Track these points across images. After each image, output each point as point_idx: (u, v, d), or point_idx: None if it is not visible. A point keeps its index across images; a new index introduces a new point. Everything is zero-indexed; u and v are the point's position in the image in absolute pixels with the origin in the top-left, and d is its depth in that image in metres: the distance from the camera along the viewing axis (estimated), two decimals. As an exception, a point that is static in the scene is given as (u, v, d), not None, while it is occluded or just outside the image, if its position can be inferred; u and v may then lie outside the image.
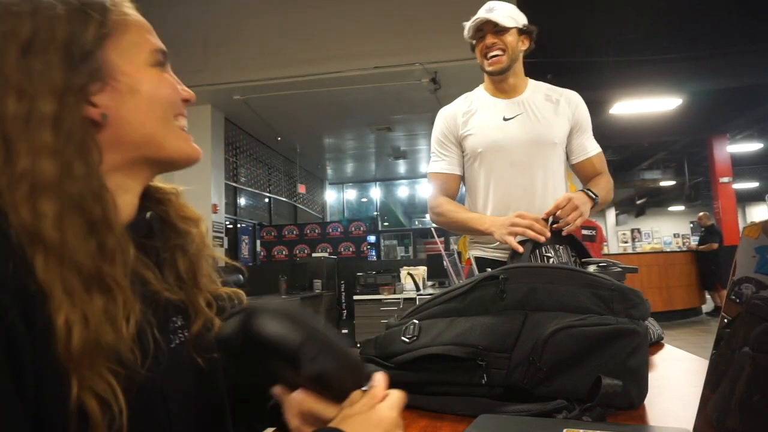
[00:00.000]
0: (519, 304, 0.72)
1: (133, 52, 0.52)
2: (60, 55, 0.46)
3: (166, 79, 0.55)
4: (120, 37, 0.51)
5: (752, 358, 0.43)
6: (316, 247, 7.35)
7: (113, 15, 0.51)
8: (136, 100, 0.51)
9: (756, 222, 0.46)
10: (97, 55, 0.49)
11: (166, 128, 0.53)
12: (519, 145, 1.56)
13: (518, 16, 1.58)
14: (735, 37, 5.90)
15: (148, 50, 0.53)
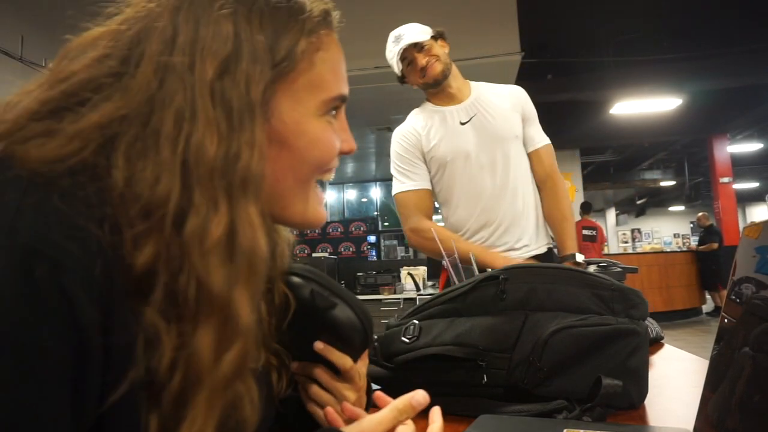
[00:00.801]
0: (519, 304, 0.72)
1: (306, 98, 0.42)
2: (257, 90, 0.38)
3: (329, 133, 0.44)
4: (299, 76, 0.41)
5: (752, 358, 0.43)
6: (316, 247, 7.35)
7: (304, 43, 0.41)
8: (284, 155, 0.41)
9: (756, 222, 0.46)
10: (273, 89, 0.40)
11: (301, 190, 0.43)
12: (482, 145, 1.57)
13: (424, 28, 1.58)
14: (735, 37, 5.91)
15: (325, 97, 0.43)
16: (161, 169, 0.33)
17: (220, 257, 0.34)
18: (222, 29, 0.37)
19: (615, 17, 5.83)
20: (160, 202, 0.33)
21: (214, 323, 0.33)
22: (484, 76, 1.89)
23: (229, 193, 0.35)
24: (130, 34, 0.37)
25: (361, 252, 7.41)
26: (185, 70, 0.35)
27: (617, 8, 5.65)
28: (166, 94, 0.35)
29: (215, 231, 0.33)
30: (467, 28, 4.70)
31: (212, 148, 0.34)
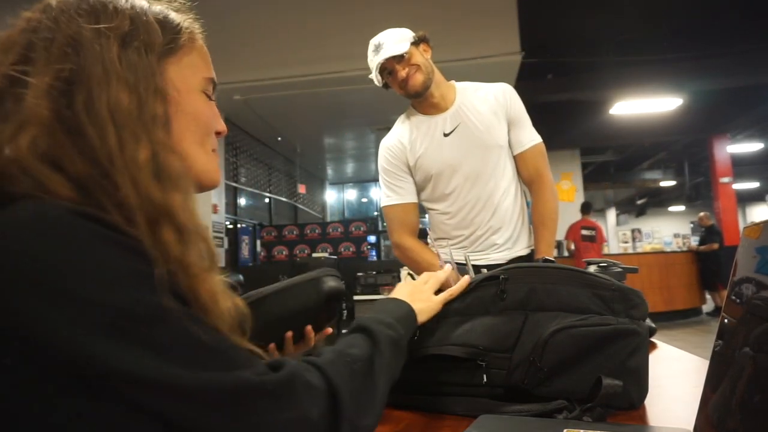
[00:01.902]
0: (519, 305, 0.72)
1: (188, 74, 0.54)
2: (152, 56, 0.50)
3: (209, 107, 0.57)
4: (182, 57, 0.54)
5: (753, 359, 0.43)
6: (317, 247, 7.35)
7: (183, 36, 0.54)
8: (180, 118, 0.53)
9: (756, 222, 0.46)
10: (162, 64, 0.51)
11: (199, 149, 0.55)
12: (466, 157, 1.55)
13: (404, 33, 1.53)
14: (735, 37, 5.91)
15: (202, 77, 0.56)
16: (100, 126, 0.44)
17: (151, 174, 0.45)
18: (119, 11, 0.49)
19: (615, 17, 5.83)
20: (108, 151, 0.43)
21: (168, 225, 0.44)
22: (484, 76, 1.89)
23: (145, 129, 0.46)
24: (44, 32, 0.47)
25: (361, 252, 7.41)
26: (97, 40, 0.46)
27: (617, 8, 5.65)
28: (86, 63, 0.45)
29: (141, 158, 0.45)
30: (467, 28, 4.70)
31: (125, 100, 0.45)
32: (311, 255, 6.94)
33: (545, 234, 1.57)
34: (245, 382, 0.40)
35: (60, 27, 0.46)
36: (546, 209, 1.59)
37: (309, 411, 0.43)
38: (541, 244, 1.56)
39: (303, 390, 0.43)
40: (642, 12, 5.79)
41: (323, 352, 0.51)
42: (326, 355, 0.50)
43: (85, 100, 0.44)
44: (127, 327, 0.36)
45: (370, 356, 0.53)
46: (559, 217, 1.64)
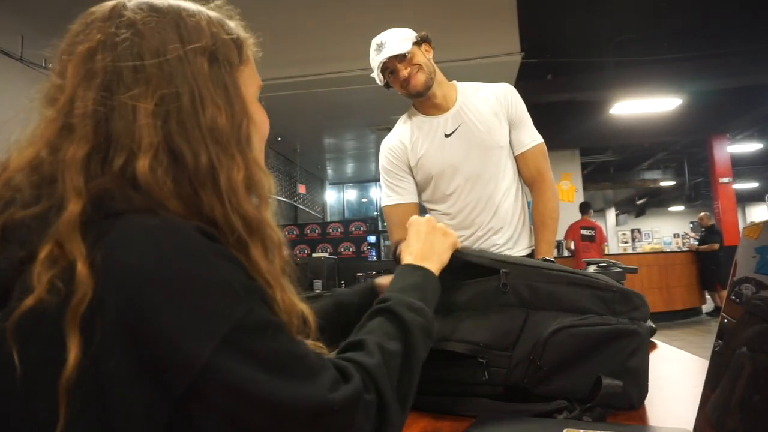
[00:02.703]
0: (521, 303, 0.72)
1: (250, 84, 0.54)
2: (235, 72, 0.50)
3: (264, 114, 0.58)
4: (245, 69, 0.54)
5: (752, 359, 0.43)
6: (317, 247, 7.35)
7: (246, 46, 0.54)
8: (255, 130, 0.53)
9: (756, 222, 0.46)
10: (237, 76, 0.52)
11: (262, 155, 0.57)
12: (467, 157, 1.55)
13: (406, 33, 1.52)
14: (735, 37, 5.91)
15: (257, 85, 0.57)
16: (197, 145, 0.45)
17: (245, 193, 0.46)
18: (201, 29, 0.49)
19: (615, 17, 5.83)
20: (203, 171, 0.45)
21: (258, 240, 0.46)
22: (484, 76, 1.89)
23: (240, 149, 0.47)
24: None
25: (361, 252, 7.41)
26: (185, 61, 0.46)
27: (617, 8, 5.66)
28: (180, 88, 0.45)
29: (238, 179, 0.46)
30: (467, 28, 4.70)
31: (222, 119, 0.46)
32: (311, 255, 6.94)
33: (546, 234, 1.57)
34: (322, 398, 0.41)
35: (146, 44, 0.45)
36: (547, 209, 1.59)
37: (364, 426, 0.44)
38: (542, 244, 1.57)
39: (363, 407, 0.45)
40: (642, 12, 5.79)
41: (367, 345, 0.51)
42: (372, 353, 0.50)
43: (181, 121, 0.44)
44: (239, 338, 0.39)
45: (405, 352, 0.54)
46: (559, 216, 1.64)
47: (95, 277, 0.37)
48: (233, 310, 0.39)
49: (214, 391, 0.38)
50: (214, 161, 0.45)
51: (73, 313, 0.37)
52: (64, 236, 0.39)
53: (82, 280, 0.37)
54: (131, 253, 0.39)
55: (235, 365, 0.38)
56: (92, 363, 0.37)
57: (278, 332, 0.42)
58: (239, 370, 0.38)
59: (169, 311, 0.37)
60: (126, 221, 0.41)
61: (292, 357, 0.42)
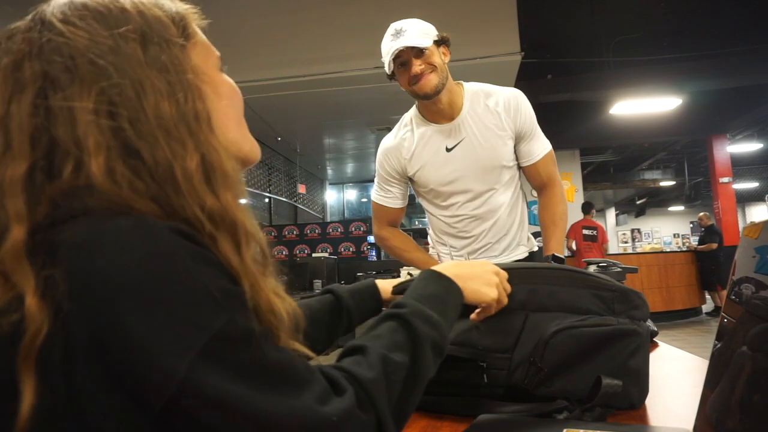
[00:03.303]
0: (520, 305, 0.72)
1: (207, 56, 0.51)
2: (174, 49, 0.46)
3: (233, 82, 0.54)
4: (196, 41, 0.50)
5: (752, 358, 0.43)
6: (316, 247, 7.35)
7: (188, 19, 0.51)
8: (220, 102, 0.50)
9: (756, 222, 0.46)
10: (186, 53, 0.48)
11: (242, 129, 0.54)
12: (468, 174, 1.50)
13: (428, 28, 1.43)
14: (735, 37, 5.91)
15: (215, 56, 0.53)
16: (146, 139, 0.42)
17: (201, 178, 0.43)
18: (128, 13, 0.45)
19: (615, 17, 5.83)
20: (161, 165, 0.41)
21: (225, 232, 0.43)
22: (484, 76, 1.88)
23: (190, 132, 0.43)
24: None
25: (361, 252, 7.41)
26: (117, 53, 0.43)
27: (617, 8, 5.66)
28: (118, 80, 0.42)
29: (191, 166, 0.42)
30: (467, 28, 4.70)
31: (165, 105, 0.43)
32: (311, 255, 6.95)
33: (555, 232, 1.54)
34: (311, 412, 0.39)
35: (73, 41, 0.42)
36: (557, 210, 1.56)
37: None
38: (551, 242, 1.53)
39: (357, 425, 0.41)
40: (642, 12, 5.79)
41: (369, 353, 0.46)
42: (373, 366, 0.45)
43: (129, 116, 0.41)
44: (219, 350, 0.36)
45: (412, 366, 0.49)
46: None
47: (50, 304, 0.35)
48: (212, 319, 0.37)
49: (195, 407, 0.35)
50: (167, 153, 0.41)
51: (25, 353, 0.34)
52: (9, 267, 0.36)
53: (32, 316, 0.34)
54: (98, 257, 0.36)
55: (215, 379, 0.35)
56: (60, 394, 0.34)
57: (262, 342, 0.39)
58: (220, 385, 0.35)
59: (142, 322, 0.35)
60: (91, 223, 0.38)
61: (278, 368, 0.39)
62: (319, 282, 6.13)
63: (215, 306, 0.37)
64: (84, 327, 0.35)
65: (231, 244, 0.42)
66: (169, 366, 0.34)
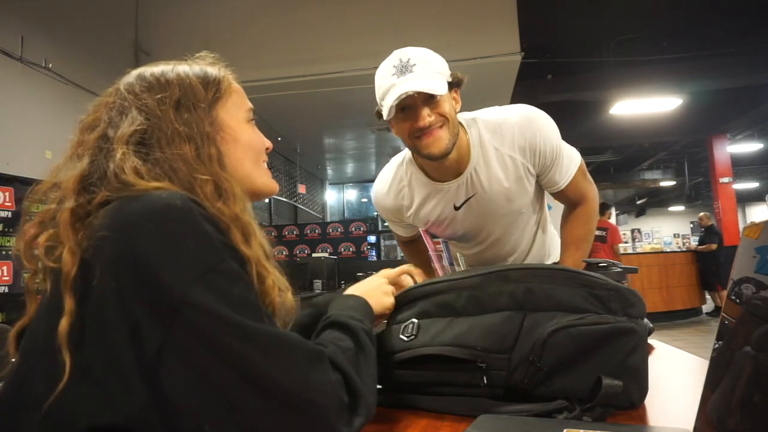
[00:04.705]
0: (517, 305, 0.72)
1: (235, 111, 0.69)
2: (200, 110, 0.64)
3: (256, 132, 0.72)
4: (227, 99, 0.68)
5: (753, 358, 0.43)
6: (317, 247, 7.36)
7: (223, 84, 0.68)
8: (237, 148, 0.67)
9: (756, 222, 0.46)
10: (213, 112, 0.66)
11: (256, 168, 0.71)
12: (480, 226, 1.32)
13: (440, 63, 1.13)
14: (735, 37, 5.91)
15: (245, 110, 0.71)
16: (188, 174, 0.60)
17: (215, 196, 0.59)
18: (171, 82, 0.65)
19: (615, 17, 5.83)
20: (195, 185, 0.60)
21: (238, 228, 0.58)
22: (484, 76, 1.87)
23: (206, 167, 0.61)
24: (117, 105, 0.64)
25: (361, 252, 7.42)
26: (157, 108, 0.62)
27: (617, 8, 5.66)
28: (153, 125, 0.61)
29: (208, 189, 0.59)
30: (467, 28, 4.70)
31: (186, 148, 0.60)
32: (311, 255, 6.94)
33: (575, 255, 1.32)
34: (289, 337, 0.51)
35: (129, 102, 0.62)
36: (581, 231, 1.35)
37: (336, 382, 0.52)
38: (565, 262, 1.34)
39: (330, 367, 0.53)
40: (642, 12, 5.79)
41: (321, 344, 0.58)
42: (327, 346, 0.58)
43: (159, 153, 0.59)
44: (213, 279, 0.49)
45: (355, 347, 0.61)
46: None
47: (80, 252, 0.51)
48: (210, 255, 0.50)
49: (193, 318, 0.46)
50: (188, 177, 0.59)
51: (65, 279, 0.49)
52: (60, 231, 0.53)
53: (65, 262, 0.50)
54: (131, 207, 0.51)
55: (208, 299, 0.47)
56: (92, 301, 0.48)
57: (249, 288, 0.52)
58: (212, 304, 0.47)
59: (158, 249, 0.48)
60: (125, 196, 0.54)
61: (261, 309, 0.51)
62: (319, 282, 6.13)
63: (213, 248, 0.51)
64: (113, 248, 0.49)
65: (241, 236, 0.57)
66: (172, 283, 0.47)
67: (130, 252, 0.48)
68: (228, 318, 0.47)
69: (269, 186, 0.73)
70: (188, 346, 0.46)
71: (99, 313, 0.48)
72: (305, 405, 0.48)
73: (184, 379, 0.46)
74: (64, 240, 0.52)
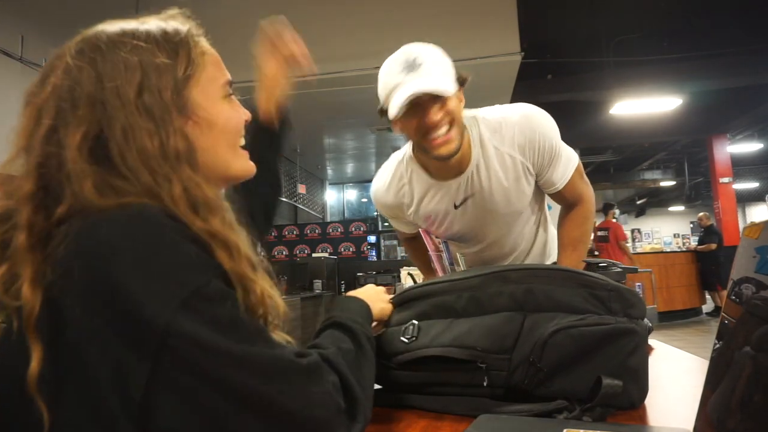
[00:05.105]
0: (517, 306, 0.72)
1: (210, 88, 0.59)
2: (167, 94, 0.54)
3: (234, 109, 0.63)
4: (200, 75, 0.58)
5: (753, 358, 0.43)
6: (317, 247, 7.36)
7: (194, 53, 0.58)
8: (212, 132, 0.58)
9: (756, 222, 0.46)
10: (184, 93, 0.56)
11: (232, 152, 0.62)
12: (480, 227, 1.32)
13: (447, 62, 1.15)
14: (735, 37, 5.91)
15: (221, 84, 0.61)
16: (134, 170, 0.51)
17: (187, 207, 0.50)
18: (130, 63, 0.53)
19: (615, 17, 5.83)
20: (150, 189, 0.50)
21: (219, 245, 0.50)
22: (484, 76, 1.87)
23: (172, 167, 0.52)
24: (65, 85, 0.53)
25: (361, 252, 7.42)
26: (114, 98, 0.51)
27: (617, 8, 5.66)
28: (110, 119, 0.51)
29: (179, 198, 0.51)
30: (467, 28, 4.70)
31: (149, 143, 0.51)
32: (311, 255, 6.95)
33: (572, 256, 1.33)
34: (283, 357, 0.48)
35: (81, 86, 0.52)
36: (578, 232, 1.35)
37: (332, 398, 0.50)
38: (564, 264, 1.33)
39: (326, 373, 0.51)
40: (642, 12, 5.79)
41: (321, 344, 0.58)
42: (327, 347, 0.57)
43: (117, 152, 0.50)
44: (199, 304, 0.44)
45: (355, 349, 0.60)
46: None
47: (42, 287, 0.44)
48: (192, 277, 0.45)
49: (181, 350, 0.42)
50: (150, 181, 0.50)
51: (26, 324, 0.43)
52: (17, 261, 0.46)
53: (26, 299, 0.43)
54: (100, 231, 0.45)
55: (195, 327, 0.43)
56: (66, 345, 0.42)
57: (237, 306, 0.48)
58: (200, 332, 0.43)
59: (135, 276, 0.43)
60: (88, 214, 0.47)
61: (252, 327, 0.48)
62: (319, 282, 6.13)
63: (194, 269, 0.46)
64: (83, 280, 0.43)
65: (223, 251, 0.50)
66: (155, 312, 0.42)
67: (103, 283, 0.42)
68: (218, 346, 0.44)
69: (246, 170, 0.65)
70: (179, 379, 0.43)
71: (74, 357, 0.42)
72: (306, 421, 0.47)
73: (179, 414, 0.43)
74: (22, 271, 0.44)
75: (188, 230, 0.48)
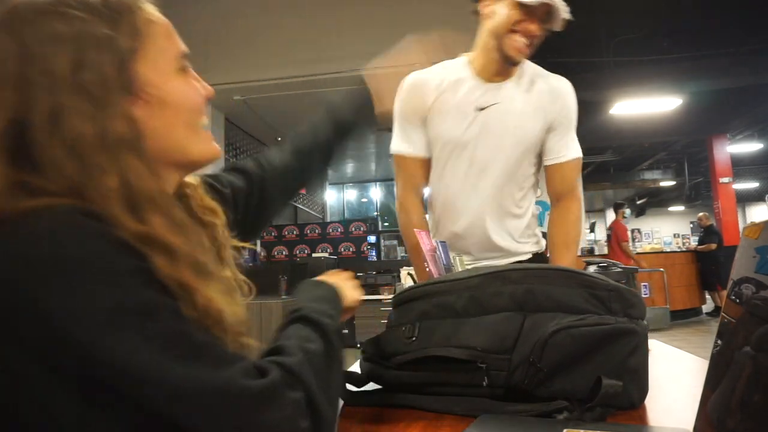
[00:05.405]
0: (517, 306, 0.72)
1: (160, 61, 0.51)
2: (109, 71, 0.47)
3: (190, 84, 0.55)
4: (148, 47, 0.50)
5: (753, 358, 0.43)
6: (317, 247, 7.35)
7: (140, 22, 0.50)
8: (165, 112, 0.51)
9: (756, 222, 0.46)
10: (129, 69, 0.48)
11: (191, 133, 0.54)
12: (483, 141, 1.33)
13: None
14: (735, 37, 5.91)
15: (174, 56, 0.53)
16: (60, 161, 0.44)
17: (122, 204, 0.44)
18: (63, 35, 0.45)
19: (615, 17, 5.83)
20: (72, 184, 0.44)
21: (157, 251, 0.44)
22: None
23: (111, 156, 0.45)
24: None
25: (361, 252, 7.41)
26: (42, 76, 0.44)
27: (617, 8, 5.65)
28: (35, 102, 0.44)
29: (111, 185, 0.44)
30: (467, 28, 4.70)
31: (84, 128, 0.44)
32: (311, 255, 6.94)
33: (567, 256, 1.34)
34: (228, 382, 0.41)
35: (5, 67, 0.45)
36: (572, 231, 1.37)
37: (290, 413, 0.43)
38: (560, 264, 1.34)
39: (288, 391, 0.44)
40: (642, 12, 5.79)
41: (286, 348, 0.49)
42: (293, 353, 0.48)
43: (39, 141, 0.43)
44: (125, 321, 0.38)
45: (325, 350, 0.52)
46: None
47: None
48: (117, 291, 0.39)
49: (109, 376, 0.37)
50: (78, 177, 0.43)
51: None
52: None
53: None
54: (9, 250, 0.39)
55: (122, 347, 0.37)
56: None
57: (176, 317, 0.42)
58: (127, 353, 0.37)
59: (50, 294, 0.37)
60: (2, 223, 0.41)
61: (195, 342, 0.41)
62: (319, 282, 6.13)
63: (120, 281, 0.40)
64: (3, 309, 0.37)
65: (166, 260, 0.44)
66: (76, 334, 0.37)
67: (18, 307, 0.37)
68: (147, 371, 0.38)
69: (208, 153, 0.57)
70: (110, 414, 0.38)
71: None
72: None
73: None
74: None
75: (115, 234, 0.42)
